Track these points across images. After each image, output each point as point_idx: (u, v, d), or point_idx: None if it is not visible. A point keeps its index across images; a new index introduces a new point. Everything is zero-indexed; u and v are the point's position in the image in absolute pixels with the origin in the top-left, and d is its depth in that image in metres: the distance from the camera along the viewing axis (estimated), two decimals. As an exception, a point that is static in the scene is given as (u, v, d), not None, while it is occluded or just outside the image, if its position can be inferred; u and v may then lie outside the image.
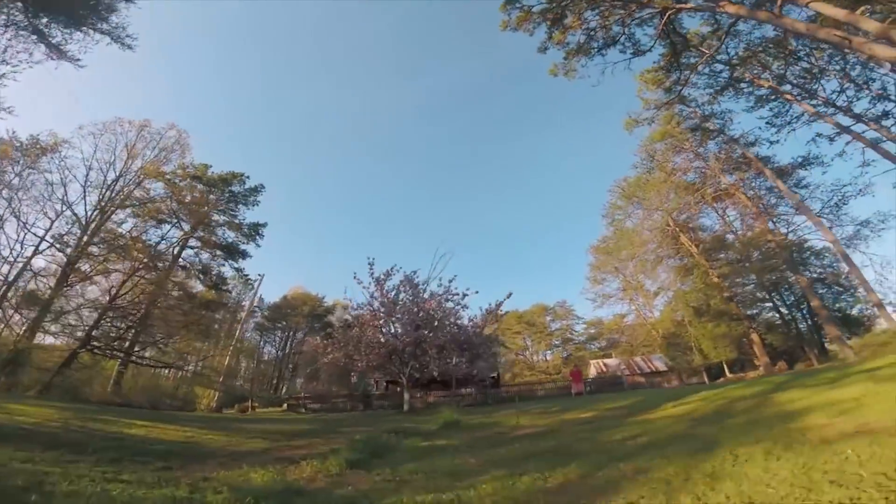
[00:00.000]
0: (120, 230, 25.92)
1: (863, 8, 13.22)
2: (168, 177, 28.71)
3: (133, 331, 23.71)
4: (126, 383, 22.62)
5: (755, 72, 24.26)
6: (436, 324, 19.18)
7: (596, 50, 20.33)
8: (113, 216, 25.56)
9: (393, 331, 20.53)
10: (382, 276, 20.20)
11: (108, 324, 22.63)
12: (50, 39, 18.27)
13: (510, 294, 19.18)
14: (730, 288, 32.21)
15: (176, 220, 29.67)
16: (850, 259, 21.64)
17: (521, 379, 57.73)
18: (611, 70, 20.50)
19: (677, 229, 35.65)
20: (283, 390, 54.53)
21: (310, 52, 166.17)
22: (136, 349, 23.76)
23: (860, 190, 25.50)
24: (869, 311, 28.44)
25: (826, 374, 8.31)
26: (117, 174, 26.18)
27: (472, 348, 19.84)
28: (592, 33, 20.13)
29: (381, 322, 20.40)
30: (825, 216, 27.99)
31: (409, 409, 20.18)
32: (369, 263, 20.18)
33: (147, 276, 24.82)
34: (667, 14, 17.95)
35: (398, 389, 32.31)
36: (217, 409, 27.00)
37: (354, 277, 20.83)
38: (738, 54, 22.76)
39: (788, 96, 23.06)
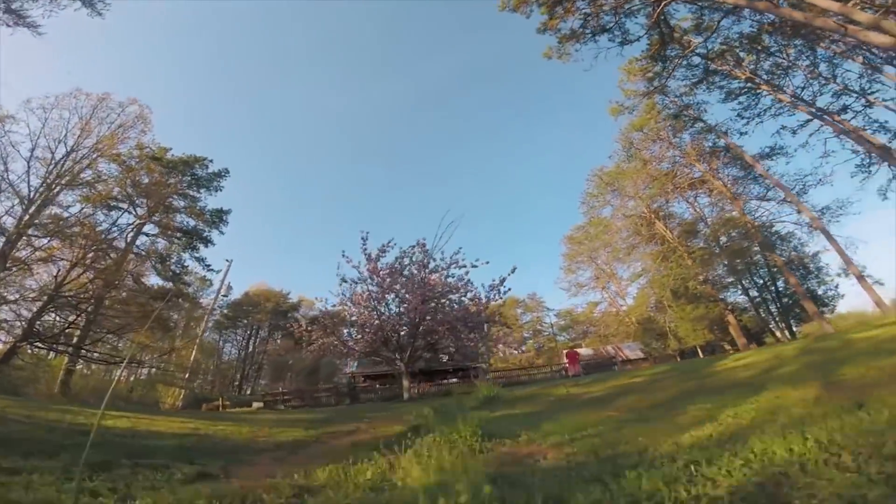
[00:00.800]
0: (67, 213, 22.99)
1: (854, 1, 13.91)
2: (124, 157, 26.24)
3: (82, 324, 20.63)
4: (75, 383, 19.59)
5: (730, 66, 25.32)
6: (443, 300, 17.91)
7: (589, 36, 20.71)
8: (60, 197, 22.76)
9: (387, 312, 19.02)
10: (377, 252, 18.62)
11: (54, 316, 19.50)
12: (9, 3, 15.47)
13: (514, 269, 18.10)
14: (705, 271, 33.29)
15: (130, 205, 26.77)
16: (831, 236, 22.82)
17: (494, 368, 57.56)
18: (604, 55, 21.07)
19: (652, 216, 36.55)
20: (248, 391, 50.99)
21: (287, 38, 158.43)
22: (87, 344, 20.64)
23: (820, 179, 27.28)
24: (833, 292, 30.34)
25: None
26: (68, 150, 23.35)
27: (478, 328, 18.77)
28: (587, 19, 20.43)
29: (374, 302, 18.83)
30: (790, 203, 29.68)
31: (408, 397, 18.70)
32: (362, 238, 18.54)
33: (97, 264, 21.85)
34: (662, 3, 18.32)
35: (377, 385, 30.91)
36: (183, 409, 24.26)
37: (343, 255, 19.15)
38: (713, 49, 23.77)
39: (765, 87, 24.02)
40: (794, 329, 32.57)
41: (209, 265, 30.99)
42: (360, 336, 19.87)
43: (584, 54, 21.09)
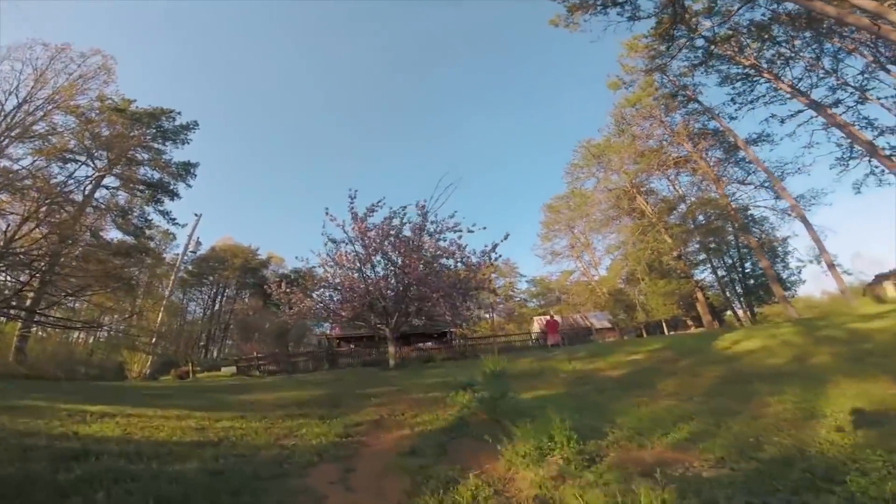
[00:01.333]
0: (17, 167, 21.11)
1: (890, 1, 13.99)
2: (83, 109, 24.72)
3: (36, 285, 18.77)
4: (31, 350, 18.03)
5: (733, 51, 24.99)
6: (435, 265, 17.29)
7: (599, 8, 20.09)
8: (10, 150, 21.12)
9: (374, 276, 18.23)
10: (366, 211, 17.54)
11: (5, 277, 17.54)
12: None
13: (507, 235, 17.56)
14: (679, 247, 34.30)
15: (88, 157, 24.93)
16: (809, 223, 23.72)
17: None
18: (613, 28, 20.62)
19: (634, 191, 36.90)
20: (214, 353, 49.61)
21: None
22: (42, 308, 18.86)
23: (799, 168, 28.01)
24: (795, 277, 32.08)
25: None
26: (19, 101, 21.75)
27: (469, 295, 18.41)
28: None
29: (360, 264, 17.96)
30: (767, 188, 30.62)
31: (394, 364, 18.36)
32: (350, 196, 17.28)
33: (51, 218, 19.77)
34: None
35: (352, 347, 30.60)
36: (151, 375, 23.11)
37: (326, 213, 17.88)
38: (719, 34, 23.63)
39: (767, 75, 23.90)
40: (755, 311, 34.50)
41: (174, 219, 29.39)
42: (343, 300, 19.12)
43: (593, 25, 20.57)
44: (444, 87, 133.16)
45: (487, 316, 52.54)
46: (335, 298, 19.86)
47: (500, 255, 18.12)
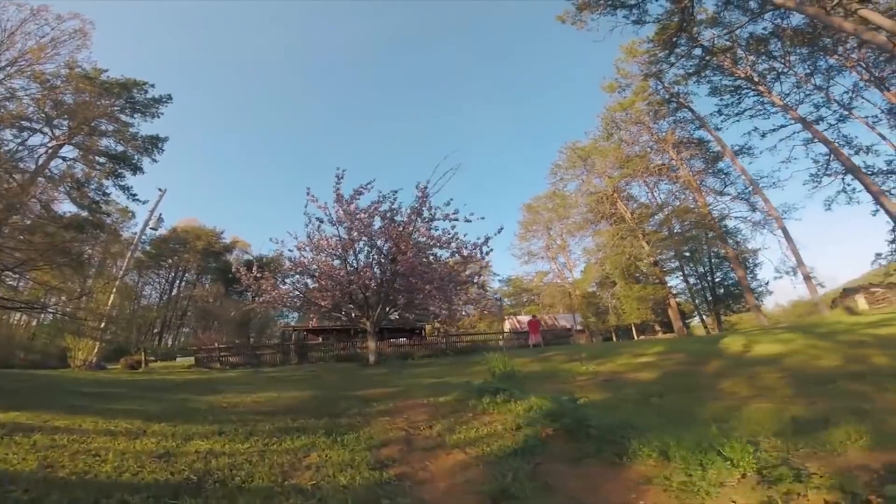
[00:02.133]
0: None
1: None
2: (48, 76, 23.06)
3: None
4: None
5: (730, 62, 25.38)
6: (428, 256, 16.26)
7: (608, 8, 20.36)
8: None
9: (356, 263, 16.95)
10: (353, 193, 16.17)
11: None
12: None
13: (501, 228, 16.77)
14: (656, 254, 34.77)
15: (46, 125, 23.13)
16: (789, 235, 24.36)
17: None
18: (620, 30, 20.94)
19: (616, 196, 37.13)
20: (169, 342, 46.40)
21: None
22: (-23, 285, 16.50)
23: (774, 182, 28.76)
24: (762, 288, 33.14)
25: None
26: None
27: (459, 287, 17.48)
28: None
29: (342, 251, 16.60)
30: (744, 199, 31.43)
31: (374, 360, 17.19)
32: (337, 176, 15.80)
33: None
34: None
35: (320, 339, 28.93)
36: (98, 364, 20.85)
37: (308, 194, 16.41)
38: (717, 45, 24.27)
39: (762, 88, 24.32)
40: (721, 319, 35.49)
41: (135, 194, 27.19)
42: (320, 289, 17.72)
43: (601, 24, 20.83)
44: (432, 75, 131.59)
45: (470, 313, 51.66)
46: (311, 286, 18.40)
47: (492, 249, 17.35)
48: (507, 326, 47.78)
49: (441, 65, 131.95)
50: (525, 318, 48.50)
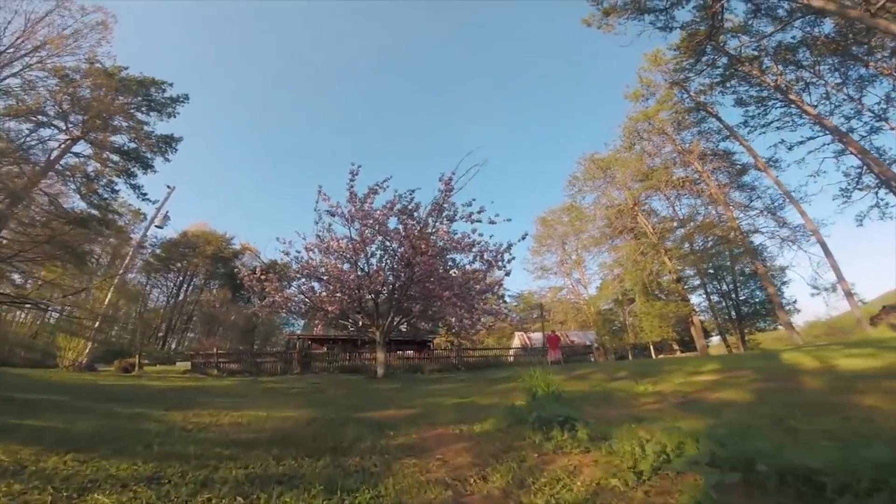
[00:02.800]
0: None
1: None
2: (68, 70, 23.09)
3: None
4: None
5: (758, 71, 24.38)
6: (446, 260, 15.06)
7: (634, 14, 20.18)
8: None
9: (367, 267, 15.75)
10: (368, 191, 15.07)
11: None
12: None
13: (525, 235, 15.55)
14: (679, 269, 33.21)
15: (62, 120, 23.05)
16: (828, 248, 22.83)
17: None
18: (648, 34, 20.60)
19: (636, 209, 35.78)
20: (174, 345, 45.52)
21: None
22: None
23: (801, 197, 27.22)
24: (789, 307, 31.29)
25: None
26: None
27: (479, 296, 16.16)
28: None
29: (354, 254, 15.44)
30: (771, 214, 29.88)
31: (382, 374, 15.87)
32: (351, 172, 14.71)
33: (9, 181, 17.19)
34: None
35: (325, 349, 27.61)
36: (89, 366, 19.84)
37: (319, 192, 15.39)
38: (744, 54, 23.59)
39: (794, 97, 23.25)
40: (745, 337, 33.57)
41: (146, 194, 26.59)
42: (327, 294, 16.51)
43: (628, 29, 20.56)
44: (446, 82, 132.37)
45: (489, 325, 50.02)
46: (318, 290, 17.22)
47: (514, 257, 16.00)
48: (516, 342, 46.03)
49: (446, 69, 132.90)
50: (536, 335, 46.83)
